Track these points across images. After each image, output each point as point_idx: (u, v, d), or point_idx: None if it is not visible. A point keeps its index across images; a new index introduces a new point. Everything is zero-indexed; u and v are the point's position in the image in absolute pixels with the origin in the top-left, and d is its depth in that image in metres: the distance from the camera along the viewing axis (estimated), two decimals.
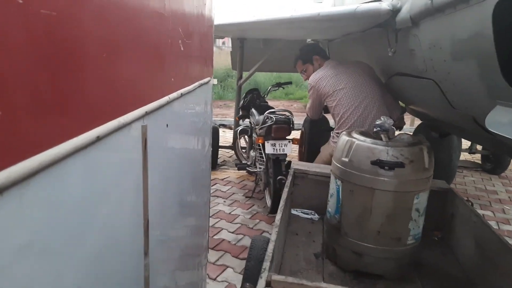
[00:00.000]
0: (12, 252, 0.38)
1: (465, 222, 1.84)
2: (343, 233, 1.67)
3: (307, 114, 3.25)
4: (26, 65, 0.39)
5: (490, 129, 1.18)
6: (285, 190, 1.92)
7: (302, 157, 4.04)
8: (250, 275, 1.61)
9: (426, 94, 1.87)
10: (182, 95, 1.11)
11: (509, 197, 4.16)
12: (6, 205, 0.36)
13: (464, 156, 5.38)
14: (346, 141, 1.65)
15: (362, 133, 1.70)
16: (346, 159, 1.62)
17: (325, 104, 2.79)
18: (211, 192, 3.69)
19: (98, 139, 0.56)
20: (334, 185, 1.72)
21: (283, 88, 4.43)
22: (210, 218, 2.99)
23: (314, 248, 1.89)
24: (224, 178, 4.25)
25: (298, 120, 4.41)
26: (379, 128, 1.72)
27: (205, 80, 1.52)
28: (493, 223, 3.43)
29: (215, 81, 1.82)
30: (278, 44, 4.11)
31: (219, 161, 4.80)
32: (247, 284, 1.31)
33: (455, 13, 1.42)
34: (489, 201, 3.98)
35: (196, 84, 1.34)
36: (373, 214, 1.56)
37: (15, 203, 0.38)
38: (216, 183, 4.05)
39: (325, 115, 3.29)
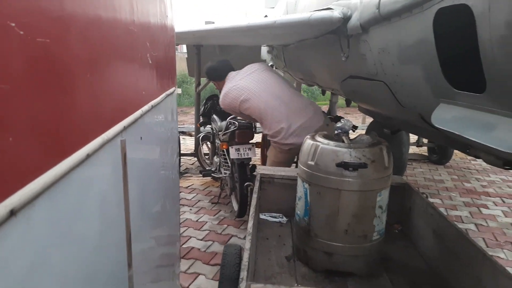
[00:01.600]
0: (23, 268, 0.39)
1: (422, 214, 1.98)
2: (313, 235, 1.73)
3: None
4: (23, 96, 0.40)
5: (435, 125, 1.30)
6: (254, 196, 1.96)
7: (265, 160, 4.11)
8: (226, 284, 1.63)
9: (378, 95, 2.00)
10: (152, 107, 1.12)
11: (454, 185, 4.52)
12: (18, 225, 0.37)
13: (412, 149, 5.78)
14: (311, 145, 1.72)
15: (325, 136, 1.77)
16: (312, 163, 1.68)
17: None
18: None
19: (88, 156, 0.56)
20: (301, 188, 1.78)
21: None
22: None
23: (285, 251, 1.93)
24: (188, 186, 4.20)
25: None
26: (340, 131, 1.81)
27: (171, 90, 1.53)
28: (442, 209, 3.71)
29: (179, 91, 1.82)
30: (235, 50, 4.16)
31: (181, 169, 4.74)
32: None
33: (400, 21, 1.55)
34: (437, 190, 4.30)
35: (163, 95, 1.34)
36: (340, 214, 1.64)
37: (24, 223, 0.38)
38: (180, 192, 3.99)
39: None
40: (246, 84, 2.82)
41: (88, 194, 0.61)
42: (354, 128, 2.76)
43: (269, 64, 6.43)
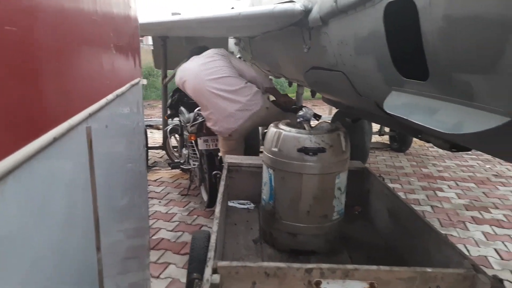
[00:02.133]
0: None
1: (379, 195, 2.13)
2: (278, 217, 1.82)
3: None
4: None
5: (387, 111, 1.41)
6: (222, 184, 2.02)
7: None
8: (195, 266, 1.68)
9: (338, 85, 2.11)
10: (117, 96, 1.14)
11: (413, 170, 4.79)
12: None
13: (375, 138, 6.04)
14: (274, 133, 1.80)
15: (288, 124, 1.86)
16: (276, 149, 1.77)
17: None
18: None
19: (55, 139, 0.60)
20: (266, 174, 1.86)
21: None
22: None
23: (252, 235, 2.02)
24: (157, 179, 4.19)
25: None
26: (302, 119, 1.90)
27: (136, 80, 1.55)
28: (401, 194, 3.94)
29: (144, 81, 1.84)
30: (201, 41, 4.16)
31: (150, 162, 4.70)
32: (194, 274, 1.38)
33: (356, 14, 1.65)
34: (397, 176, 4.55)
35: (128, 85, 1.36)
36: (303, 196, 1.74)
37: None
38: (149, 185, 3.98)
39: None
40: (189, 67, 2.93)
41: (55, 176, 0.65)
42: (317, 116, 2.88)
43: (237, 56, 6.46)
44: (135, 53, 1.61)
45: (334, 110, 5.13)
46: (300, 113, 1.92)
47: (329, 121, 2.14)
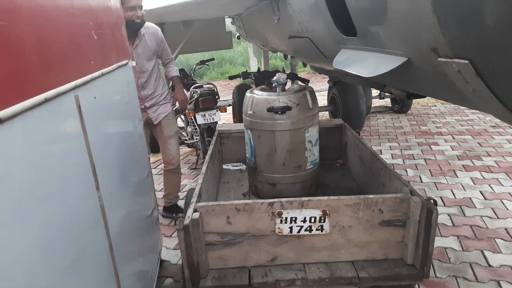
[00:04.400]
0: None
1: (354, 146, 2.37)
2: (259, 171, 2.10)
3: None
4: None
5: (334, 67, 1.63)
6: (211, 148, 2.30)
7: (237, 121, 4.47)
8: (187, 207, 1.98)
9: (308, 50, 2.31)
10: (103, 74, 1.42)
11: (412, 129, 4.94)
12: None
13: (377, 102, 6.18)
14: (249, 97, 2.05)
15: (262, 89, 2.11)
16: (251, 112, 2.02)
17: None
18: (158, 172, 3.99)
19: (46, 100, 0.88)
20: (247, 135, 2.13)
21: (208, 65, 4.74)
22: (160, 193, 3.31)
23: (242, 190, 2.31)
24: None
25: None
26: (276, 83, 2.14)
27: (123, 62, 1.82)
28: (397, 151, 4.14)
29: (133, 63, 2.11)
30: (196, 23, 4.39)
31: None
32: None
33: None
34: (395, 135, 4.72)
35: (115, 65, 1.64)
36: (277, 151, 2.00)
37: None
38: (161, 163, 4.32)
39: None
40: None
41: (50, 129, 0.93)
42: (306, 81, 3.09)
43: (236, 36, 6.64)
44: (120, 38, 1.87)
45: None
46: (274, 78, 2.16)
47: (304, 84, 2.37)
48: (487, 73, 0.73)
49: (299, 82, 3.45)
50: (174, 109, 4.43)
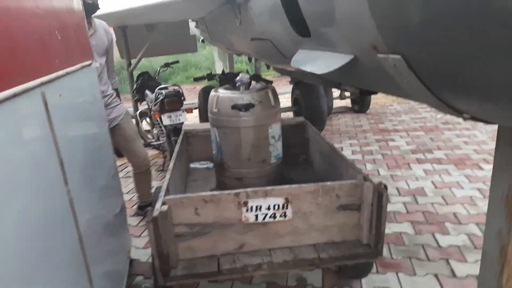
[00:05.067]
0: None
1: (315, 142, 2.51)
2: (226, 167, 2.18)
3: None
4: None
5: (292, 65, 1.75)
6: (177, 146, 2.35)
7: (203, 121, 4.52)
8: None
9: (270, 51, 2.43)
10: (67, 73, 1.45)
11: (370, 127, 5.21)
12: None
13: (338, 103, 6.44)
14: (213, 96, 2.13)
15: (226, 88, 2.20)
16: (216, 110, 2.10)
17: None
18: (124, 175, 3.96)
19: (15, 95, 0.92)
20: (213, 132, 2.21)
21: (172, 67, 4.76)
22: (127, 195, 3.30)
23: (210, 186, 2.38)
24: None
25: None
26: (239, 83, 2.24)
27: (87, 62, 1.84)
28: (357, 147, 4.36)
29: (97, 64, 2.13)
30: (159, 27, 4.40)
31: None
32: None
33: None
34: (355, 133, 4.96)
35: (79, 65, 1.67)
36: (243, 146, 2.09)
37: None
38: (127, 167, 4.28)
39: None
40: None
41: (17, 124, 0.97)
42: (269, 82, 3.20)
43: (200, 39, 6.67)
44: (83, 39, 1.90)
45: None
46: (238, 78, 2.25)
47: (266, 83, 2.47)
48: (416, 66, 0.85)
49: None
50: (139, 112, 4.44)
